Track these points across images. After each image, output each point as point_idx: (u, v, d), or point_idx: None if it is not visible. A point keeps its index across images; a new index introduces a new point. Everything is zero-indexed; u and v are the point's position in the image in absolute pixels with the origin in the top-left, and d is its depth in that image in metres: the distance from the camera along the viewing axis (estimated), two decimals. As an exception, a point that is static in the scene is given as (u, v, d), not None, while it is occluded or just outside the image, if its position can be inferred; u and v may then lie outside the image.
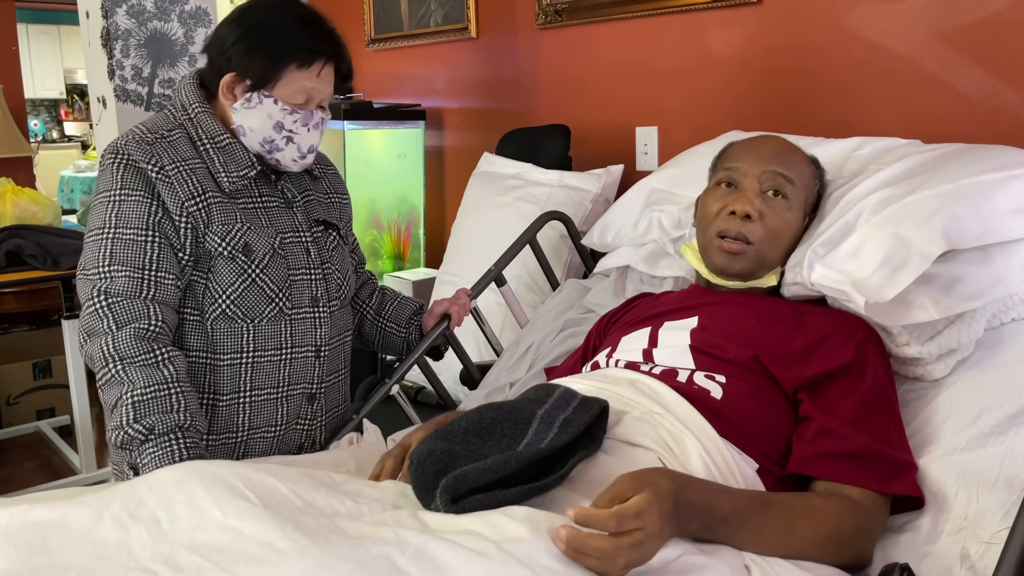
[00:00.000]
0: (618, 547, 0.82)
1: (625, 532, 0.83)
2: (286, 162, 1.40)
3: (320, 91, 1.37)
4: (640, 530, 0.83)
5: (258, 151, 1.38)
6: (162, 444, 1.21)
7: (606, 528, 0.83)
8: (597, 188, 2.16)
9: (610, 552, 0.82)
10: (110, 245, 1.28)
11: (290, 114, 1.35)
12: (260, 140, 1.37)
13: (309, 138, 1.39)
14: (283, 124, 1.36)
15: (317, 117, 1.39)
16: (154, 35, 2.30)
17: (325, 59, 1.36)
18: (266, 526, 0.80)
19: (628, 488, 0.86)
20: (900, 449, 1.11)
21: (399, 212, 2.96)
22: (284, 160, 1.39)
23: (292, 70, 1.34)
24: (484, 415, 1.04)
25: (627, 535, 0.83)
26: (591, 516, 0.83)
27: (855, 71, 1.79)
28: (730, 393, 1.15)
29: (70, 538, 0.83)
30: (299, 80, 1.35)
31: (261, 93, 1.34)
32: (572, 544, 0.82)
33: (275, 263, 1.37)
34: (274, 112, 1.35)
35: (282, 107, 1.35)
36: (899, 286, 1.17)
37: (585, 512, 0.83)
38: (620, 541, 0.82)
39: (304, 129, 1.38)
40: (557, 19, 2.41)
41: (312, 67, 1.35)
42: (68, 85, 8.53)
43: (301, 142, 1.38)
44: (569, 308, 1.80)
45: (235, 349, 1.35)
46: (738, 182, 1.34)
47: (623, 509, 0.83)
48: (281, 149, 1.38)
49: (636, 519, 0.83)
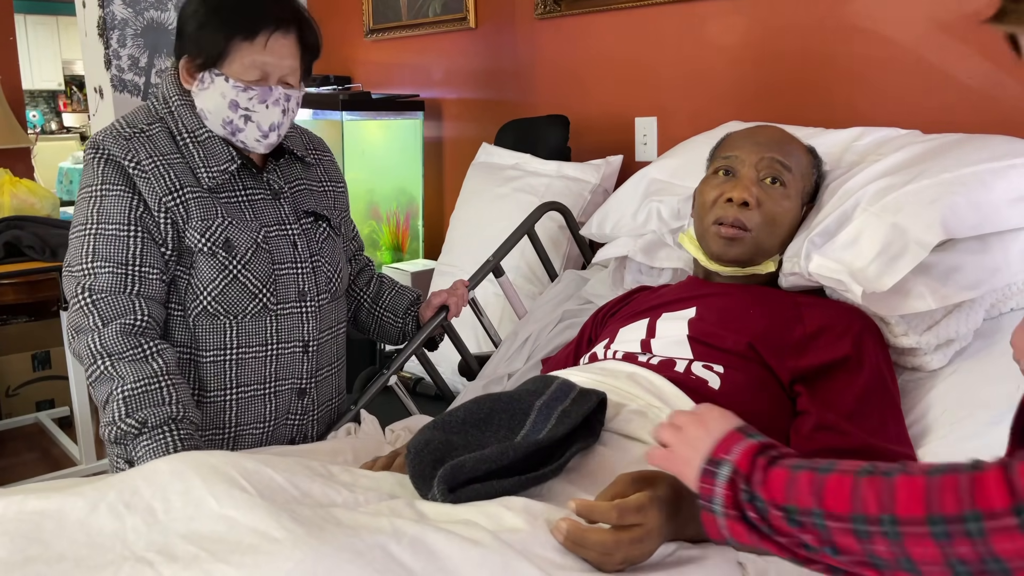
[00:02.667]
0: (618, 541, 0.82)
1: (625, 527, 0.83)
2: (251, 143, 1.34)
3: (275, 65, 1.30)
4: (640, 526, 0.84)
5: (223, 134, 1.34)
6: (156, 437, 1.21)
7: (607, 521, 0.83)
8: (596, 179, 2.15)
9: (610, 546, 0.82)
10: (93, 241, 1.27)
11: (243, 91, 1.29)
12: (220, 122, 1.32)
13: (269, 116, 1.32)
14: (238, 103, 1.30)
15: (277, 93, 1.31)
16: (151, 24, 2.29)
17: (272, 28, 1.28)
18: (261, 516, 0.80)
19: (629, 486, 0.87)
20: (899, 442, 1.11)
21: (397, 203, 2.95)
22: (248, 141, 1.34)
23: (238, 43, 1.28)
24: (482, 406, 1.04)
25: (627, 530, 0.83)
26: (592, 508, 0.83)
27: (855, 61, 1.79)
28: (728, 383, 1.15)
29: (65, 528, 0.83)
30: (248, 54, 1.28)
31: (212, 72, 1.30)
32: (572, 536, 0.82)
33: (258, 258, 1.34)
34: (227, 90, 1.29)
35: (234, 84, 1.29)
36: (897, 275, 1.17)
37: (587, 504, 0.83)
38: (620, 535, 0.82)
39: (262, 107, 1.31)
40: (556, 9, 2.40)
41: (258, 38, 1.28)
42: (67, 76, 8.51)
43: (260, 120, 1.32)
44: (567, 299, 1.80)
45: (218, 345, 1.33)
46: (736, 170, 1.33)
47: (625, 503, 0.84)
48: (242, 129, 1.32)
49: (637, 514, 0.83)
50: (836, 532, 0.71)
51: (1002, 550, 0.62)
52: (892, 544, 0.67)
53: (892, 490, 0.68)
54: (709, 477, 0.79)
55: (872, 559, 0.70)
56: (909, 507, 0.67)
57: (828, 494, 0.71)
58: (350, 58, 3.27)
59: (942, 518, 0.65)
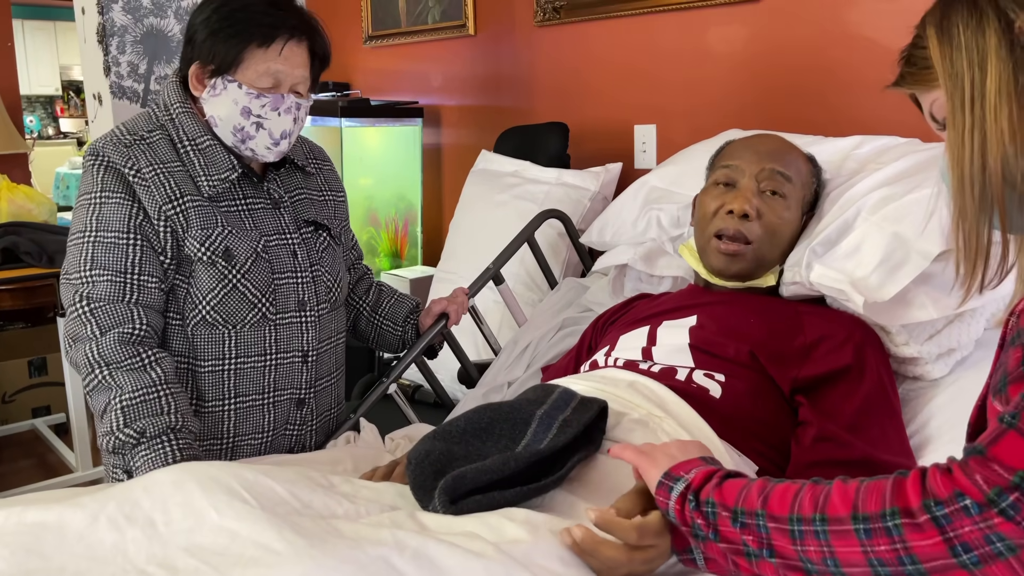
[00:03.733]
0: (630, 560, 0.82)
1: (641, 547, 0.83)
2: (260, 151, 1.34)
3: (288, 73, 1.31)
4: (655, 547, 0.84)
5: (232, 142, 1.34)
6: (154, 447, 1.20)
7: (627, 540, 0.83)
8: (595, 186, 2.15)
9: (621, 563, 0.82)
10: (91, 249, 1.26)
11: (256, 98, 1.30)
12: (231, 129, 1.32)
13: (280, 123, 1.32)
14: (250, 109, 1.30)
15: (289, 101, 1.32)
16: (150, 31, 2.28)
17: (287, 36, 1.29)
18: (262, 528, 0.79)
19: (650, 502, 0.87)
20: (899, 453, 1.11)
21: (396, 210, 2.95)
22: (258, 148, 1.34)
23: (253, 50, 1.28)
24: (482, 415, 1.04)
25: (642, 550, 0.83)
26: (613, 524, 0.83)
27: (854, 69, 1.79)
28: (729, 392, 1.15)
29: (65, 540, 0.82)
30: (263, 61, 1.29)
31: (225, 78, 1.30)
32: (585, 546, 0.81)
33: (258, 267, 1.33)
34: (239, 97, 1.30)
35: (247, 91, 1.30)
36: (898, 285, 1.17)
37: (608, 519, 0.83)
38: (633, 555, 0.82)
39: (274, 114, 1.31)
40: (556, 16, 2.41)
41: (273, 46, 1.28)
42: (64, 81, 8.50)
43: (272, 128, 1.32)
44: (567, 307, 1.80)
45: (216, 355, 1.32)
46: (736, 181, 1.33)
47: (646, 525, 0.83)
48: (253, 137, 1.32)
49: (655, 536, 0.83)
50: (775, 533, 0.75)
51: (917, 548, 0.67)
52: (822, 543, 0.72)
53: (828, 494, 0.74)
54: (664, 491, 0.83)
55: (803, 561, 0.74)
56: (838, 507, 0.72)
57: (773, 498, 0.77)
58: (349, 65, 3.27)
59: (865, 516, 0.70)
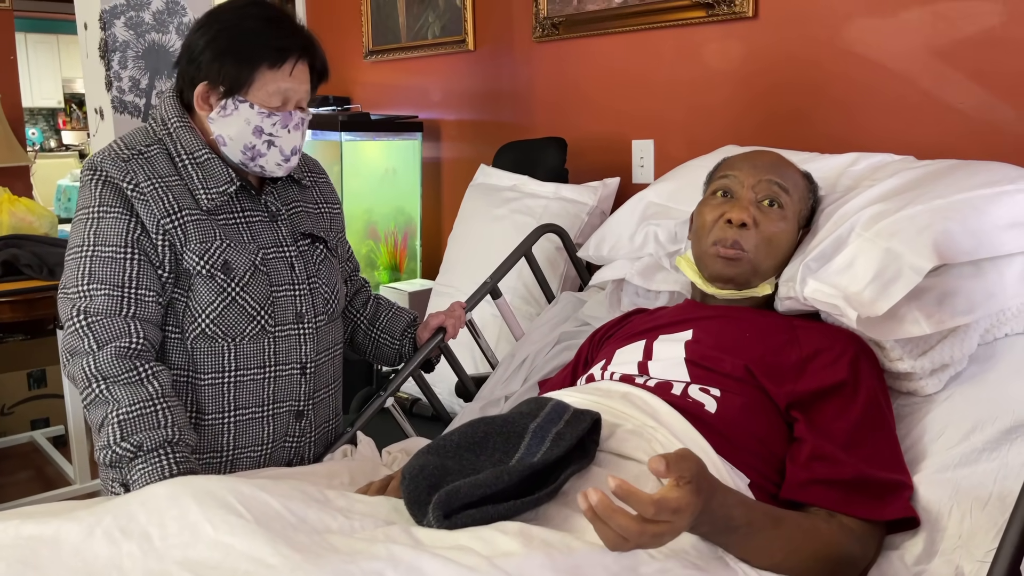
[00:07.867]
0: (641, 532, 0.80)
1: (655, 521, 0.81)
2: (270, 167, 1.37)
3: (296, 90, 1.34)
4: (668, 523, 0.82)
5: (241, 159, 1.35)
6: (151, 460, 1.20)
7: (643, 513, 0.80)
8: (593, 201, 2.16)
9: (632, 533, 0.80)
10: (89, 263, 1.27)
11: (268, 117, 1.33)
12: (241, 147, 1.34)
13: (291, 140, 1.36)
14: (262, 128, 1.33)
15: (296, 118, 1.36)
16: (152, 47, 2.30)
17: (296, 57, 1.33)
18: (257, 542, 0.80)
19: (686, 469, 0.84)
20: (894, 469, 1.11)
21: (395, 223, 2.97)
22: (268, 165, 1.36)
23: (264, 71, 1.31)
24: (476, 429, 1.04)
25: (655, 524, 0.81)
26: (631, 494, 0.80)
27: (850, 86, 1.80)
28: (724, 407, 1.15)
29: (61, 554, 0.83)
30: (273, 81, 1.32)
31: (236, 99, 1.32)
32: (600, 510, 0.79)
33: (256, 280, 1.34)
34: (252, 117, 1.32)
35: (259, 111, 1.32)
36: (891, 300, 1.18)
37: (627, 488, 0.80)
38: (645, 527, 0.80)
39: (284, 131, 1.35)
40: (554, 32, 2.42)
41: (284, 66, 1.32)
42: (66, 94, 8.54)
43: (283, 145, 1.35)
44: (564, 321, 1.80)
45: (216, 368, 1.33)
46: (733, 191, 1.34)
47: (664, 502, 0.81)
48: (264, 154, 1.35)
49: (672, 514, 0.82)
50: None
51: None
52: None
53: None
54: None
55: None
56: None
57: None
58: (349, 79, 3.29)
59: None
